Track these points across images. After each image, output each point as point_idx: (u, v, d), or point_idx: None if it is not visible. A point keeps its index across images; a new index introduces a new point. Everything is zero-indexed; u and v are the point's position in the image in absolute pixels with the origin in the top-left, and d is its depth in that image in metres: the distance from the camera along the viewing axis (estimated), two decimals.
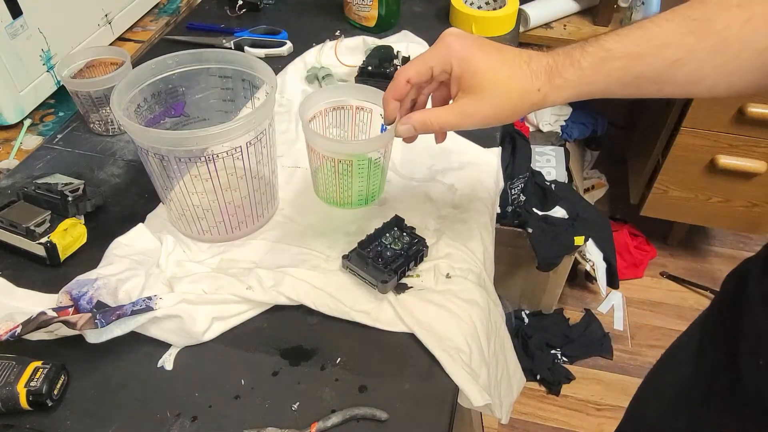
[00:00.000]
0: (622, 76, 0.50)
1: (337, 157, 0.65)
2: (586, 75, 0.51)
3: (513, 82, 0.52)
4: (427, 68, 0.55)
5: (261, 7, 1.17)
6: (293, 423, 0.54)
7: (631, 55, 0.49)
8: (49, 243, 0.66)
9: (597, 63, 0.50)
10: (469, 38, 0.54)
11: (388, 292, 0.64)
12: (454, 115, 0.54)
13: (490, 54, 0.53)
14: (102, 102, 0.83)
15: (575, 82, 0.51)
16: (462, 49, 0.53)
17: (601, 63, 0.50)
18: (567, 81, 0.51)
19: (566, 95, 0.52)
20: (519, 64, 0.52)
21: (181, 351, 0.61)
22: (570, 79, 0.51)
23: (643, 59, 0.49)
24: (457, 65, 0.53)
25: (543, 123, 1.78)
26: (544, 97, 0.52)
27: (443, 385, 0.57)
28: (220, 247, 0.70)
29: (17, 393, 0.53)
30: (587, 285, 1.78)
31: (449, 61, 0.53)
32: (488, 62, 0.52)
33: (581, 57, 0.51)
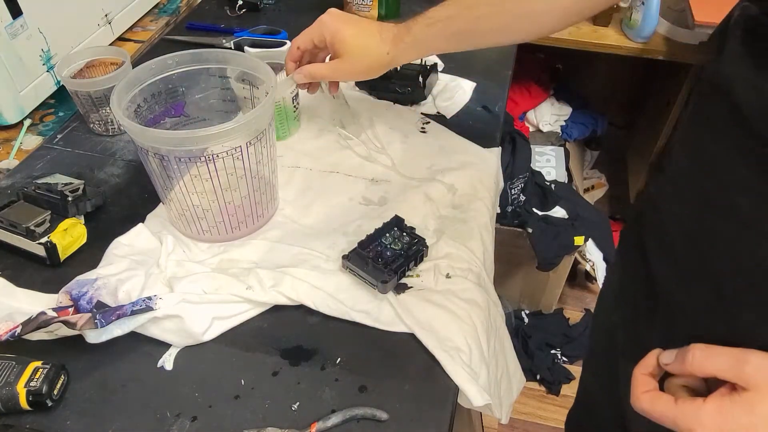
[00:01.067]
0: (443, 34, 0.70)
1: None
2: (418, 39, 0.71)
3: (368, 48, 0.72)
4: (309, 39, 0.75)
5: (261, 7, 1.17)
6: (293, 423, 0.54)
7: (447, 17, 0.69)
8: (49, 243, 0.66)
9: (423, 28, 0.70)
10: (340, 16, 0.74)
11: (388, 292, 0.64)
12: (327, 69, 0.75)
13: (351, 26, 0.73)
14: (102, 102, 0.83)
15: (412, 44, 0.71)
16: (332, 24, 0.73)
17: (426, 28, 0.70)
18: (406, 44, 0.71)
19: (409, 55, 0.73)
20: (372, 34, 0.72)
21: (181, 351, 0.61)
22: (408, 42, 0.71)
23: (455, 19, 0.69)
24: (329, 36, 0.73)
25: (543, 123, 1.78)
26: (393, 58, 0.73)
27: (443, 385, 0.57)
28: (220, 247, 0.70)
29: (17, 393, 0.53)
30: (587, 285, 1.78)
31: (323, 33, 0.73)
32: (349, 32, 0.72)
33: (413, 26, 0.70)
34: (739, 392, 0.40)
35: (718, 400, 0.40)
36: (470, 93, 0.95)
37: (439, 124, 0.89)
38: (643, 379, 0.46)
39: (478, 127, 0.89)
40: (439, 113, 0.92)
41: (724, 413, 0.40)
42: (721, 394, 0.41)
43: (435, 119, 0.90)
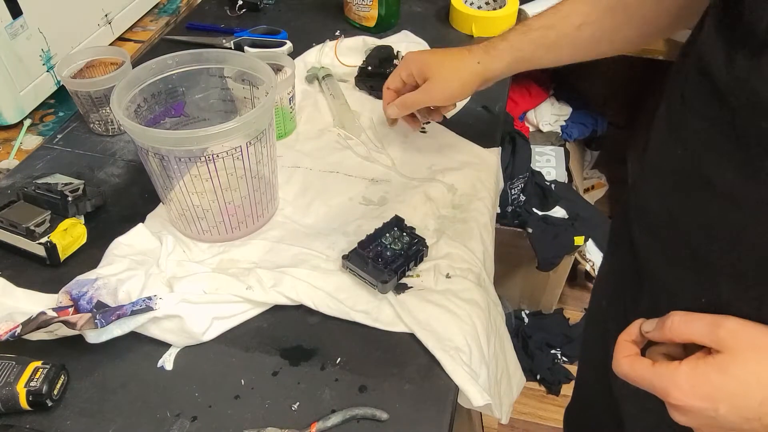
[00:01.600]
0: (541, 42, 0.68)
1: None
2: (513, 45, 0.69)
3: (456, 63, 0.72)
4: (397, 77, 0.77)
5: (261, 7, 1.17)
6: (293, 423, 0.54)
7: (545, 26, 0.68)
8: (49, 243, 0.66)
9: (520, 35, 0.69)
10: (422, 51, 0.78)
11: (388, 292, 0.64)
12: (420, 94, 0.75)
13: (437, 52, 0.76)
14: (102, 102, 0.83)
15: (506, 51, 0.70)
16: (417, 56, 0.76)
17: (523, 35, 0.69)
18: (499, 51, 0.70)
19: (502, 64, 0.71)
20: (460, 52, 0.73)
21: (181, 351, 0.61)
22: (501, 49, 0.70)
23: (553, 29, 0.67)
24: (416, 68, 0.74)
25: (543, 123, 1.78)
26: (485, 67, 0.71)
27: (443, 385, 0.57)
28: (220, 247, 0.70)
29: (17, 393, 0.53)
30: (587, 285, 1.77)
31: (409, 67, 0.75)
32: (436, 57, 0.74)
33: (508, 33, 0.70)
34: (713, 355, 0.41)
35: (693, 362, 0.42)
36: None
37: (439, 124, 0.89)
38: (625, 345, 0.47)
39: (478, 127, 0.89)
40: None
41: (698, 374, 0.41)
42: (696, 357, 0.42)
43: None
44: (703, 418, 0.42)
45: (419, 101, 0.75)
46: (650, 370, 0.44)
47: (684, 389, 0.41)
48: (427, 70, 0.73)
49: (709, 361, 0.41)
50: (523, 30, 0.69)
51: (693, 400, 0.41)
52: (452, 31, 1.11)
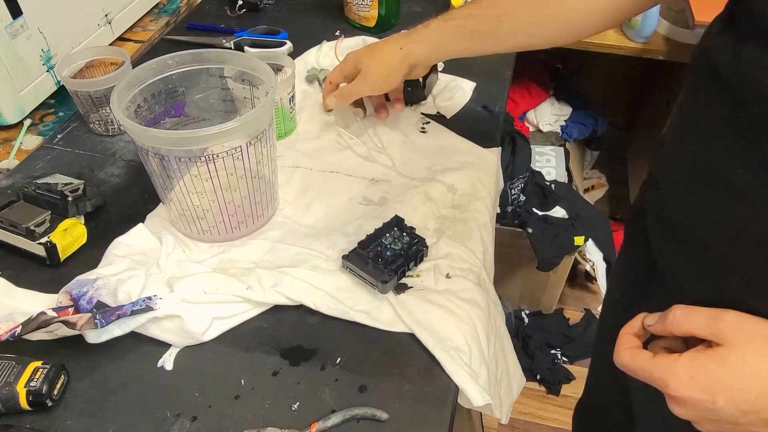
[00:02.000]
0: (461, 31, 0.70)
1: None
2: (434, 32, 0.72)
3: (382, 52, 0.76)
4: (339, 73, 0.81)
5: (261, 7, 1.17)
6: (293, 423, 0.54)
7: (467, 15, 0.70)
8: (49, 243, 0.66)
9: (441, 23, 0.72)
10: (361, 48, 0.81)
11: (388, 292, 0.64)
12: (353, 85, 0.79)
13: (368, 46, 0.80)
14: (102, 102, 0.83)
15: (427, 37, 0.73)
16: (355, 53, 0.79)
17: (444, 22, 0.72)
18: (421, 37, 0.73)
19: (423, 49, 0.74)
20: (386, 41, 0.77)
21: (181, 351, 0.61)
22: (423, 35, 0.73)
23: (475, 17, 0.69)
24: (352, 63, 0.79)
25: (543, 123, 1.78)
26: (407, 52, 0.74)
27: (443, 385, 0.57)
28: (220, 247, 0.70)
29: (17, 393, 0.53)
30: (587, 285, 1.78)
31: (348, 64, 0.80)
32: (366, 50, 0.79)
33: (431, 21, 0.73)
34: (713, 347, 0.42)
35: (692, 354, 0.42)
36: (470, 93, 0.95)
37: (439, 124, 0.89)
38: (627, 337, 0.48)
39: (478, 127, 0.89)
40: (439, 113, 0.92)
41: (697, 366, 0.41)
42: (696, 350, 0.43)
43: (435, 119, 0.90)
44: (701, 410, 0.42)
45: (353, 92, 0.80)
46: (649, 362, 0.44)
47: (682, 380, 0.42)
48: (359, 63, 0.78)
49: (708, 353, 0.42)
50: (445, 18, 0.72)
51: (691, 392, 0.41)
52: None
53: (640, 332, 0.48)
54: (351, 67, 0.79)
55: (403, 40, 0.74)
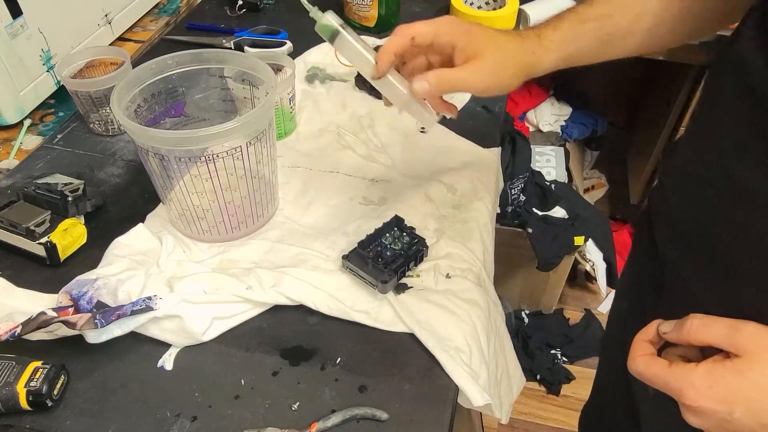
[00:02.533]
0: (596, 34, 0.59)
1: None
2: (566, 36, 0.59)
3: (512, 47, 0.58)
4: (433, 31, 0.57)
5: (261, 7, 1.17)
6: (293, 423, 0.54)
7: (601, 15, 0.59)
8: (49, 243, 0.66)
9: (574, 25, 0.59)
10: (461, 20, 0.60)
11: (388, 292, 0.64)
12: (469, 72, 0.57)
13: (487, 29, 0.59)
14: (102, 102, 0.83)
15: (559, 42, 0.59)
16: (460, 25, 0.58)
17: (578, 24, 0.59)
18: (552, 42, 0.59)
19: (554, 56, 0.60)
20: (512, 36, 0.60)
21: (181, 351, 0.61)
22: (554, 41, 0.59)
23: (611, 18, 0.59)
24: (465, 37, 0.57)
25: (543, 123, 1.78)
26: (539, 59, 0.59)
27: (443, 385, 0.57)
28: (220, 247, 0.70)
29: (17, 393, 0.53)
30: (587, 285, 1.78)
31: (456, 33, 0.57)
32: (487, 33, 0.58)
33: (560, 23, 0.60)
34: (731, 359, 0.41)
35: (710, 365, 0.42)
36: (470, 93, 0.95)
37: (439, 124, 0.89)
38: (642, 344, 0.47)
39: (478, 127, 0.89)
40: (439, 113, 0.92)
41: (714, 376, 0.41)
42: (713, 360, 0.42)
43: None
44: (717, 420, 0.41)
45: (461, 82, 0.57)
46: (666, 370, 0.43)
47: (700, 390, 0.41)
48: (476, 45, 0.57)
49: (726, 364, 0.41)
50: (577, 19, 0.59)
51: (708, 402, 0.41)
52: None
53: (655, 339, 0.47)
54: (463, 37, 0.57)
55: (535, 43, 0.59)
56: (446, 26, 0.58)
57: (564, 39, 0.59)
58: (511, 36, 0.59)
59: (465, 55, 0.57)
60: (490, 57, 0.57)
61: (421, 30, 0.57)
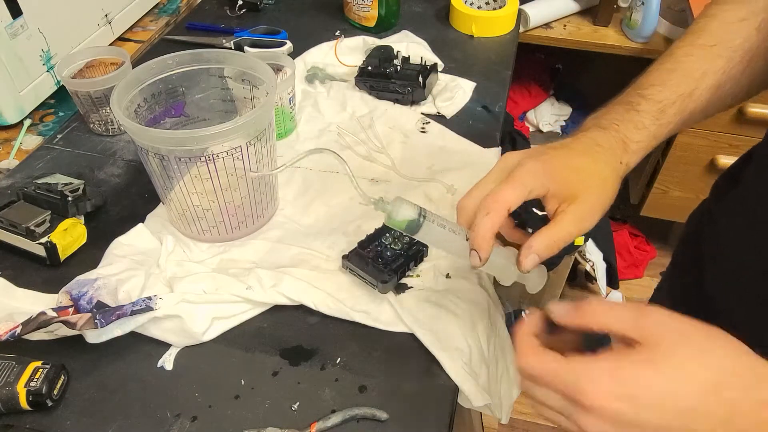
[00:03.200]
0: (680, 118, 0.53)
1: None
2: (652, 132, 0.53)
3: (602, 170, 0.51)
4: (525, 194, 0.49)
5: (261, 7, 1.17)
6: (293, 423, 0.54)
7: (682, 96, 0.53)
8: (49, 243, 0.66)
9: (657, 117, 0.53)
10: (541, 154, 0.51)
11: (388, 292, 0.64)
12: (573, 222, 0.49)
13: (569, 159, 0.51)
14: (102, 102, 0.83)
15: (646, 142, 0.53)
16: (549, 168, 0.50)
17: (660, 116, 0.53)
18: (639, 144, 0.53)
19: (641, 154, 0.54)
20: (596, 152, 0.51)
21: (181, 351, 0.61)
22: (641, 141, 0.53)
23: (692, 96, 0.53)
24: (554, 184, 0.49)
25: (543, 123, 1.78)
26: (627, 165, 0.53)
27: (443, 385, 0.57)
28: (220, 247, 0.70)
29: (17, 393, 0.53)
30: (587, 285, 1.78)
31: (544, 185, 0.49)
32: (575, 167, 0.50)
33: (641, 118, 0.53)
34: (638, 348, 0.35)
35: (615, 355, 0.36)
36: (470, 93, 0.95)
37: (439, 124, 0.89)
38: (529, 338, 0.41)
39: (478, 127, 0.89)
40: (439, 113, 0.92)
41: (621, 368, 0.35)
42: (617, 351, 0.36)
43: (435, 119, 0.90)
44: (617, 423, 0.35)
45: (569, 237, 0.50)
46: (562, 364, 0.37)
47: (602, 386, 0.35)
48: (569, 188, 0.49)
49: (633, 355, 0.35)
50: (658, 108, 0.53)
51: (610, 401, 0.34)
52: (452, 31, 1.11)
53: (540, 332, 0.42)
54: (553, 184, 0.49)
55: (621, 151, 0.52)
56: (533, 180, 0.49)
57: (650, 137, 0.53)
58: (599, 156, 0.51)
59: (558, 200, 0.50)
60: (588, 196, 0.49)
61: (513, 200, 0.49)
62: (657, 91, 0.53)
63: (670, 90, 0.53)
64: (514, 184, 0.49)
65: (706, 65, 0.53)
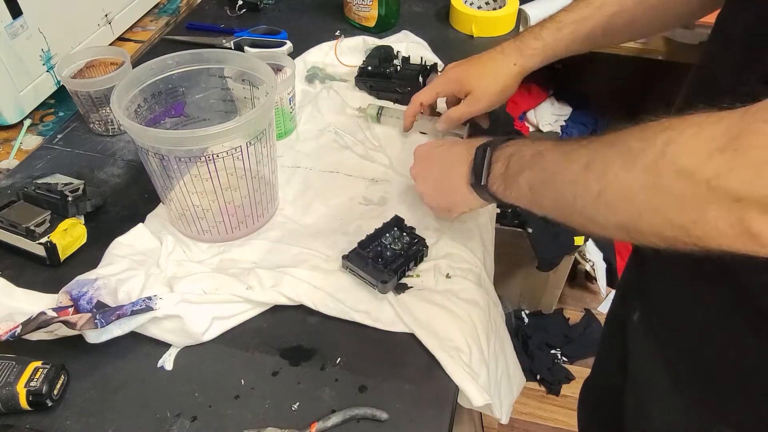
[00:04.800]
0: (575, 37, 0.70)
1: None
2: (548, 43, 0.71)
3: (494, 70, 0.74)
4: (433, 92, 0.80)
5: (261, 7, 1.17)
6: (293, 423, 0.54)
7: (578, 19, 0.70)
8: (49, 243, 0.66)
9: (554, 32, 0.71)
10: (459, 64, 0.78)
11: (388, 292, 0.64)
12: (465, 106, 0.77)
13: (473, 63, 0.77)
14: (102, 102, 0.83)
15: (541, 49, 0.72)
16: (456, 74, 0.77)
17: (557, 32, 0.71)
18: (535, 50, 0.72)
19: (537, 60, 0.73)
20: (494, 56, 0.75)
21: (181, 351, 0.61)
22: (536, 48, 0.72)
23: (587, 21, 0.69)
24: (457, 84, 0.77)
25: (543, 123, 1.78)
26: (522, 67, 0.73)
27: (443, 385, 0.57)
28: (220, 247, 0.70)
29: (17, 393, 0.53)
30: (587, 285, 1.78)
31: (449, 85, 0.78)
32: (475, 68, 0.76)
33: (541, 31, 0.72)
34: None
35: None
36: None
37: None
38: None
39: (478, 127, 0.89)
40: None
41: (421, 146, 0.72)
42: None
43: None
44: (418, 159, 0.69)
45: (465, 114, 0.78)
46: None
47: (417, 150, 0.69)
48: (467, 84, 0.75)
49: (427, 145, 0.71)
50: (556, 27, 0.70)
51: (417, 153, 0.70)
52: (452, 31, 1.11)
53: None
54: (455, 85, 0.77)
55: (515, 54, 0.73)
56: (441, 85, 0.79)
57: (544, 47, 0.71)
58: (493, 59, 0.75)
59: (463, 94, 0.77)
60: (478, 87, 0.75)
61: (426, 97, 0.80)
62: (563, 14, 0.70)
63: (571, 14, 0.70)
64: (429, 87, 0.81)
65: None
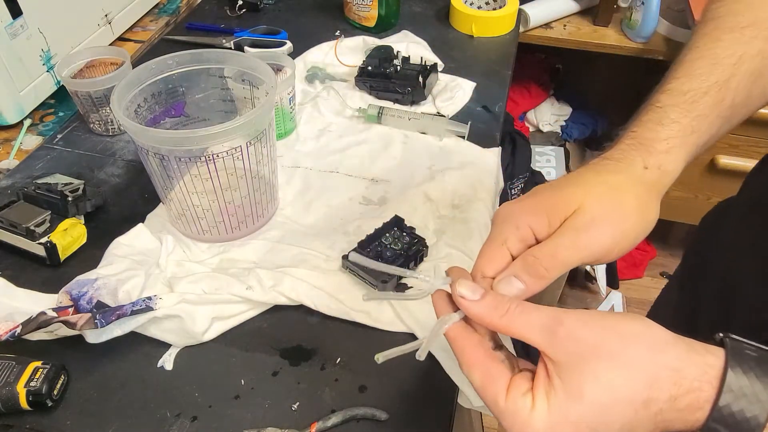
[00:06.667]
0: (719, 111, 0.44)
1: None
2: (686, 125, 0.43)
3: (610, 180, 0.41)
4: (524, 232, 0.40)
5: (261, 7, 1.17)
6: (293, 423, 0.54)
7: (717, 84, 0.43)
8: (49, 243, 0.66)
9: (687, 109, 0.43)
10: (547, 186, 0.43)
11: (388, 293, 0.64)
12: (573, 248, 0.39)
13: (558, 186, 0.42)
14: (102, 102, 0.83)
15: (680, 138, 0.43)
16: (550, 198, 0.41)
17: (691, 107, 0.43)
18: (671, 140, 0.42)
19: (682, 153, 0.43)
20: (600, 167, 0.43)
21: (181, 351, 0.61)
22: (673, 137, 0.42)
23: (728, 84, 0.43)
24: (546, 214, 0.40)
25: (543, 123, 1.78)
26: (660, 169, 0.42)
27: (443, 385, 0.57)
28: (220, 247, 0.70)
29: (17, 393, 0.53)
30: (587, 285, 1.78)
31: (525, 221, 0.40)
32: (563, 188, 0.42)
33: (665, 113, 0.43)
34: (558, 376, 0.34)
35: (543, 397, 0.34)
36: (470, 93, 0.95)
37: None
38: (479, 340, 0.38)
39: (478, 127, 0.89)
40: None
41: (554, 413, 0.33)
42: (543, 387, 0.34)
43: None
44: None
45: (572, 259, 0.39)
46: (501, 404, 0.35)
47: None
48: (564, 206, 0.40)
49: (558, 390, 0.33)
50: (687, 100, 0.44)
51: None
52: (452, 31, 1.11)
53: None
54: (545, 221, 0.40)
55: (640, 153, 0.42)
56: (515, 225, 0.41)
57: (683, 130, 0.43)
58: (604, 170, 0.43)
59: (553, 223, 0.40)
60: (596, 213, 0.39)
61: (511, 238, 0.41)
62: (681, 83, 0.44)
63: (699, 80, 0.43)
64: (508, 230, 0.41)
65: (741, 49, 0.43)
